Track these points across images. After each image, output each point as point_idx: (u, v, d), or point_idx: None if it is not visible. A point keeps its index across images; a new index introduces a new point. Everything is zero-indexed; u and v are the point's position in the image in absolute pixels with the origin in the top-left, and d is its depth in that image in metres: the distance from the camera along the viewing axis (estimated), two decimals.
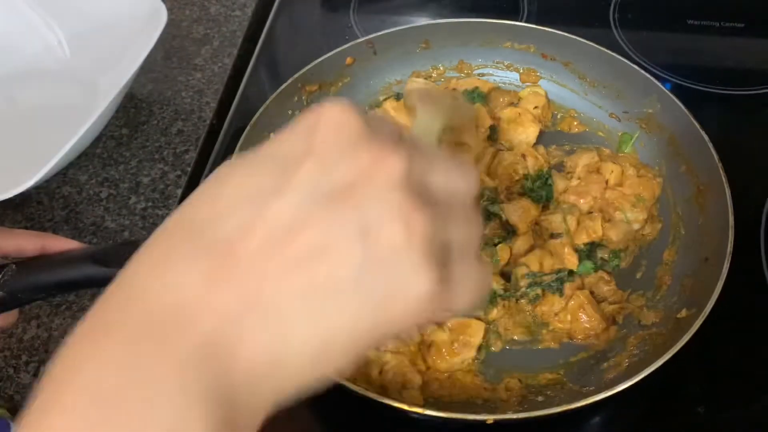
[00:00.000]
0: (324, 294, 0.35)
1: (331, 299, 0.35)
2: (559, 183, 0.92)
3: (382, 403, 0.68)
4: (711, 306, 0.71)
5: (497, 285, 0.83)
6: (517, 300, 0.83)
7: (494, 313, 0.82)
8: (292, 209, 0.35)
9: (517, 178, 0.91)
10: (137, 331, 0.34)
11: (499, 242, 0.86)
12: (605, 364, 0.78)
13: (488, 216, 0.88)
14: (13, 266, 0.75)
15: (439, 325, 0.80)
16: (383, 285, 0.35)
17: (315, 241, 0.35)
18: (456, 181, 0.40)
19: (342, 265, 0.35)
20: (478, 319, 0.81)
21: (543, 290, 0.83)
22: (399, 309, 0.36)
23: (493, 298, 0.82)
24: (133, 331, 0.34)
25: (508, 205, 0.88)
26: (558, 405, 0.68)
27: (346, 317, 0.36)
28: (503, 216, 0.87)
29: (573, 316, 0.81)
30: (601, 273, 0.85)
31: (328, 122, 0.37)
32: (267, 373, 0.35)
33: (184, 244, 0.36)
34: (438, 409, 0.69)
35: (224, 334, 0.34)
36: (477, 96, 1.00)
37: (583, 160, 0.93)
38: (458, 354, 0.78)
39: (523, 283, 0.84)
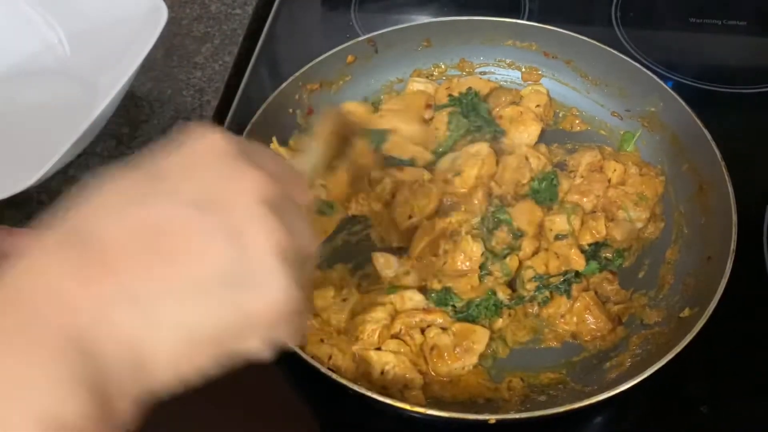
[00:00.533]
0: (192, 290, 0.38)
1: (198, 295, 0.38)
2: (563, 182, 0.91)
3: (384, 403, 0.68)
4: (714, 305, 0.71)
5: (503, 294, 0.83)
6: (523, 305, 0.83)
7: (500, 322, 0.81)
8: (162, 212, 0.39)
9: (524, 182, 0.91)
10: (9, 327, 0.36)
11: (508, 254, 0.85)
12: (608, 364, 0.77)
13: (496, 224, 0.87)
14: None
15: (443, 329, 0.80)
16: (247, 284, 0.39)
17: (185, 240, 0.39)
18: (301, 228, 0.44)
19: (212, 263, 0.39)
20: (483, 325, 0.81)
21: (551, 292, 0.83)
22: (260, 310, 0.40)
23: (498, 308, 0.82)
24: (5, 328, 0.36)
25: (514, 209, 0.88)
26: (560, 405, 0.68)
27: (211, 313, 0.39)
28: (513, 222, 0.87)
29: (579, 318, 0.80)
30: (605, 273, 0.85)
31: (201, 142, 0.43)
32: (134, 361, 0.38)
33: (56, 244, 0.39)
34: (440, 408, 0.69)
35: (93, 324, 0.37)
36: (474, 96, 1.00)
37: (585, 159, 0.93)
38: (459, 359, 0.77)
39: (530, 286, 0.83)
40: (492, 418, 0.67)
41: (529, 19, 1.03)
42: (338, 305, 0.81)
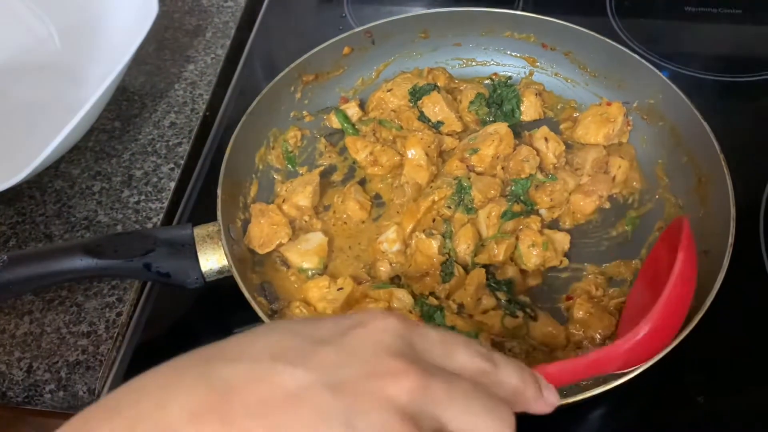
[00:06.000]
0: None
1: None
2: (568, 180, 0.90)
3: None
4: (711, 300, 0.70)
5: (485, 341, 0.78)
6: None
7: None
8: (297, 382, 0.38)
9: (523, 175, 0.90)
10: None
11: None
12: None
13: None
14: (5, 258, 0.75)
15: None
16: None
17: (303, 420, 0.38)
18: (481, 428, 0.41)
19: None
20: None
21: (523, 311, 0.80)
22: None
23: None
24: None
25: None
26: None
27: None
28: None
29: (583, 325, 0.79)
30: (592, 276, 0.84)
31: (373, 326, 0.42)
32: None
33: (193, 369, 0.40)
34: None
35: None
36: (508, 89, 0.99)
37: (591, 155, 0.91)
38: None
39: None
40: None
41: (524, 10, 1.02)
42: (333, 295, 0.80)
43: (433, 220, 0.87)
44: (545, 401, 0.48)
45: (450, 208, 0.87)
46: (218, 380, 0.39)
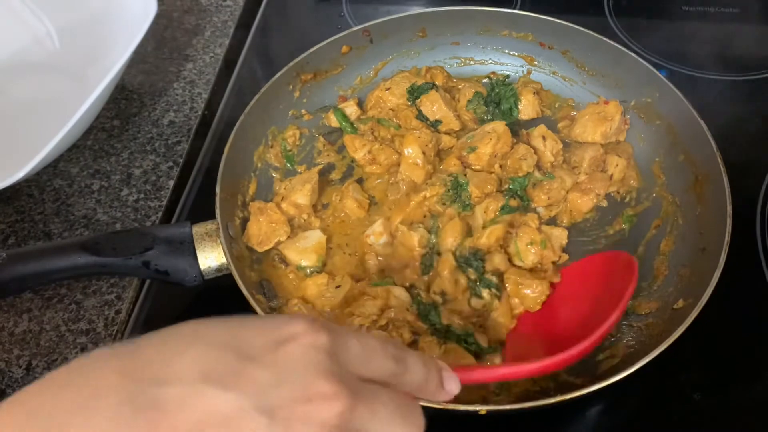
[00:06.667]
0: None
1: None
2: (565, 179, 0.90)
3: None
4: (707, 297, 0.70)
5: (483, 341, 0.78)
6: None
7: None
8: (232, 407, 0.38)
9: (521, 173, 0.90)
10: None
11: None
12: (601, 356, 0.77)
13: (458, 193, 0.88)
14: (4, 255, 0.75)
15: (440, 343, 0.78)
16: None
17: None
18: None
19: None
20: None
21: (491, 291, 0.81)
22: None
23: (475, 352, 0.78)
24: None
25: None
26: (552, 396, 0.67)
27: None
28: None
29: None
30: None
31: (303, 341, 0.42)
32: None
33: (115, 389, 0.37)
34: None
35: None
36: (506, 88, 0.99)
37: (588, 153, 0.92)
38: None
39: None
40: (483, 408, 0.67)
41: (522, 9, 1.02)
42: (331, 292, 0.81)
43: (424, 216, 0.88)
44: (446, 392, 0.52)
45: (445, 204, 0.88)
46: (145, 404, 0.37)
